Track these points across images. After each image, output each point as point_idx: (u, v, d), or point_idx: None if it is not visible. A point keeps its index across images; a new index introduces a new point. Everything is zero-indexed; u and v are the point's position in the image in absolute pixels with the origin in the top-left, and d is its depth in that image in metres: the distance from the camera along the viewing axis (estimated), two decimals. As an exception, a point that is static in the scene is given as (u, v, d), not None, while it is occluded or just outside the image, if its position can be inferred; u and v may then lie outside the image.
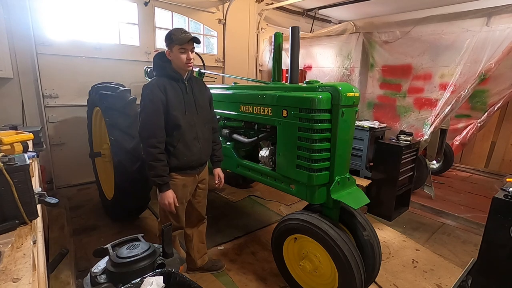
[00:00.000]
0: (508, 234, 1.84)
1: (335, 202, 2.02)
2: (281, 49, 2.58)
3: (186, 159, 1.99)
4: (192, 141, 1.99)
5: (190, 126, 1.98)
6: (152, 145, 1.85)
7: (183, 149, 1.96)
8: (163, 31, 4.82)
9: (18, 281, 0.84)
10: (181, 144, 1.95)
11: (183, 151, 1.96)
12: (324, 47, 5.40)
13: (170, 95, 1.89)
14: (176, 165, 1.97)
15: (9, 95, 3.60)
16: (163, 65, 1.96)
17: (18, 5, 3.45)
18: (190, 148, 1.99)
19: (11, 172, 1.07)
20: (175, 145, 1.94)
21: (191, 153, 1.99)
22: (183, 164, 1.99)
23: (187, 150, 1.98)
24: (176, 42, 1.84)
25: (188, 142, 1.97)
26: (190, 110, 1.98)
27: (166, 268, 1.18)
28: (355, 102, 1.97)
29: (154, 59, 2.00)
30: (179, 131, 1.93)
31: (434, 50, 3.89)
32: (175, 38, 1.84)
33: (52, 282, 2.17)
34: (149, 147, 1.85)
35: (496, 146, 5.50)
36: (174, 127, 1.92)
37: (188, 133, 1.97)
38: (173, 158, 1.95)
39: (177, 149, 1.95)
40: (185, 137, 1.95)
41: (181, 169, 2.01)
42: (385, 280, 2.47)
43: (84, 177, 4.27)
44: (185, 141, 1.96)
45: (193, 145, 2.00)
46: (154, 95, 1.85)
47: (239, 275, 2.51)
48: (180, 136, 1.94)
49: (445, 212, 3.75)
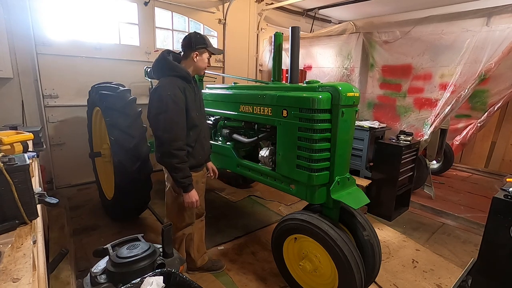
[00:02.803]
0: (508, 234, 1.83)
1: (335, 202, 2.02)
2: (281, 49, 2.59)
3: (201, 158, 2.07)
4: (203, 140, 2.07)
5: (202, 125, 2.05)
6: (179, 148, 1.85)
7: (199, 148, 2.03)
8: (163, 31, 4.83)
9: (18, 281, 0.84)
10: (198, 143, 2.02)
11: (199, 150, 2.04)
12: (324, 47, 5.40)
13: (188, 96, 1.92)
14: (193, 164, 2.02)
15: (9, 95, 3.60)
16: (178, 65, 1.95)
17: (18, 5, 3.45)
18: (204, 147, 2.07)
19: (11, 172, 1.06)
20: (193, 145, 1.99)
21: (203, 151, 2.08)
22: (198, 162, 2.07)
23: (201, 149, 2.06)
24: (210, 49, 1.96)
25: (202, 141, 2.05)
26: (199, 110, 2.05)
27: (166, 268, 1.18)
28: (355, 102, 1.97)
29: (167, 59, 1.95)
30: (196, 131, 1.98)
31: (434, 50, 3.89)
32: (209, 45, 1.95)
33: (52, 282, 2.17)
34: (176, 150, 1.84)
35: (496, 146, 5.50)
36: (192, 127, 1.96)
37: (202, 132, 2.04)
38: (191, 158, 2.00)
39: (195, 148, 2.00)
40: (200, 136, 2.02)
41: (194, 167, 2.07)
42: (385, 280, 2.47)
43: (84, 177, 4.27)
44: (200, 141, 2.03)
45: (205, 144, 2.09)
46: (176, 96, 1.84)
47: (239, 275, 2.51)
48: (196, 136, 1.99)
49: (445, 212, 3.75)
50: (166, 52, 2.01)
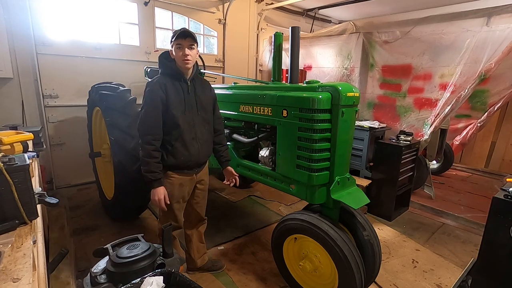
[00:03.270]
0: (508, 234, 1.83)
1: (335, 202, 2.02)
2: (281, 49, 2.58)
3: (183, 159, 2.00)
4: (190, 141, 2.00)
5: (189, 126, 1.99)
6: (148, 142, 1.88)
7: (180, 148, 1.98)
8: (163, 31, 4.82)
9: (18, 281, 0.84)
10: (179, 143, 1.97)
11: (181, 150, 1.98)
12: (324, 47, 5.39)
13: (170, 94, 1.91)
14: (173, 163, 1.99)
15: (9, 95, 3.60)
16: (167, 64, 1.98)
17: (18, 5, 3.45)
18: (188, 148, 2.00)
19: (11, 172, 1.06)
20: (173, 144, 1.96)
21: (188, 152, 2.00)
22: (180, 163, 2.01)
23: (185, 150, 1.99)
24: (172, 38, 1.91)
25: (187, 141, 1.98)
26: (190, 110, 1.99)
27: (166, 268, 1.18)
28: (355, 102, 1.97)
29: (160, 57, 2.03)
30: (178, 130, 1.94)
31: (434, 50, 3.89)
32: (173, 35, 1.90)
33: (52, 282, 2.17)
34: (144, 143, 1.89)
35: (496, 146, 5.50)
36: (172, 125, 1.93)
37: (187, 133, 1.98)
38: (170, 156, 1.97)
39: (174, 147, 1.96)
40: (183, 136, 1.97)
41: (178, 168, 2.03)
42: (385, 280, 2.47)
43: (84, 177, 4.27)
44: (184, 141, 1.97)
45: (191, 145, 2.01)
46: (154, 93, 1.88)
47: (239, 275, 2.51)
48: (178, 135, 1.95)
49: (445, 212, 3.75)
50: (165, 53, 2.03)
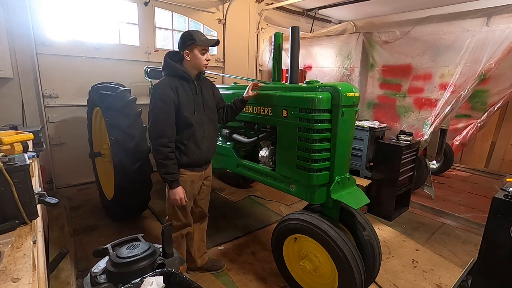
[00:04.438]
0: (508, 234, 1.84)
1: (335, 202, 2.02)
2: (281, 49, 2.58)
3: (195, 157, 2.06)
4: (201, 140, 2.06)
5: (199, 125, 2.04)
6: (163, 144, 1.90)
7: (193, 147, 2.03)
8: (163, 31, 4.82)
9: (18, 281, 0.84)
10: (191, 142, 2.02)
11: (193, 149, 2.03)
12: (324, 47, 5.39)
13: (181, 95, 1.93)
14: (186, 162, 2.03)
15: (9, 95, 3.60)
16: (174, 65, 1.98)
17: (18, 5, 3.45)
18: (199, 146, 2.06)
19: (11, 172, 1.06)
20: (185, 143, 2.00)
21: (200, 151, 2.06)
22: (192, 161, 2.06)
23: (197, 148, 2.05)
24: (199, 43, 1.91)
25: (198, 140, 2.04)
26: (198, 110, 2.04)
27: (166, 268, 1.18)
28: (355, 102, 1.97)
29: (165, 58, 2.02)
30: (190, 130, 1.99)
31: (434, 50, 3.89)
32: (198, 39, 1.90)
33: (52, 282, 2.17)
34: (160, 146, 1.90)
35: (496, 146, 5.50)
36: (185, 126, 1.97)
37: (198, 132, 2.03)
38: (183, 155, 2.01)
39: (187, 147, 2.01)
40: (195, 135, 2.02)
41: (190, 166, 2.08)
42: (385, 280, 2.48)
43: (84, 177, 4.27)
44: (195, 140, 2.03)
45: (202, 144, 2.07)
46: (166, 95, 1.89)
47: (239, 275, 2.51)
48: (190, 135, 2.00)
49: (445, 212, 3.75)
50: (170, 53, 2.04)
